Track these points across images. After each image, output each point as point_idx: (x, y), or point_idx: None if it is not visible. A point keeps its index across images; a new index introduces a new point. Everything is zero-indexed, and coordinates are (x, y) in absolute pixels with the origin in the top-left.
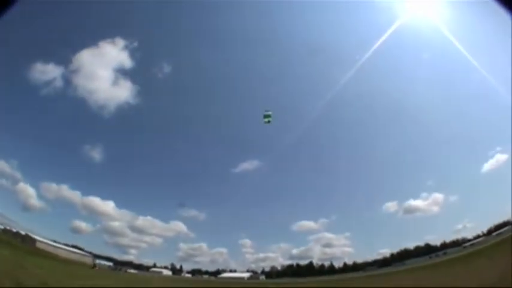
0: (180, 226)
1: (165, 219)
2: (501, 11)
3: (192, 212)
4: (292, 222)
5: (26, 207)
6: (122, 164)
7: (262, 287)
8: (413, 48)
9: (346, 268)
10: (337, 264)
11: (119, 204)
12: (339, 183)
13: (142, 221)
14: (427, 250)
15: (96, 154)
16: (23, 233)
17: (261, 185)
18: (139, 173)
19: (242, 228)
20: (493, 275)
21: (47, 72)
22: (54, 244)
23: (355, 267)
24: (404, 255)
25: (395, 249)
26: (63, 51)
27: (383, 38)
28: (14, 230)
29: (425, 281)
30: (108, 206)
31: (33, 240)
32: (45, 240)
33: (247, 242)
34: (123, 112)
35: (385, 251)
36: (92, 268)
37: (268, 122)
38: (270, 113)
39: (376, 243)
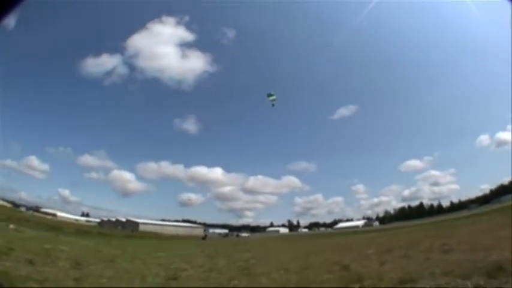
0: (293, 180)
1: (277, 175)
2: None
3: (302, 164)
4: (399, 162)
5: (126, 193)
6: (219, 130)
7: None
8: None
9: (453, 207)
10: (445, 203)
11: (227, 169)
12: (432, 118)
13: (253, 181)
14: None
15: (190, 125)
16: (123, 219)
17: (361, 129)
18: (239, 136)
19: (353, 174)
20: None
21: (102, 64)
22: (160, 223)
23: (461, 205)
24: (501, 191)
25: (493, 185)
26: (109, 41)
27: None
28: (113, 219)
29: None
30: (216, 173)
31: (136, 224)
32: (149, 221)
33: (360, 187)
34: (205, 80)
35: (486, 187)
36: (203, 239)
37: (273, 103)
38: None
39: (477, 179)
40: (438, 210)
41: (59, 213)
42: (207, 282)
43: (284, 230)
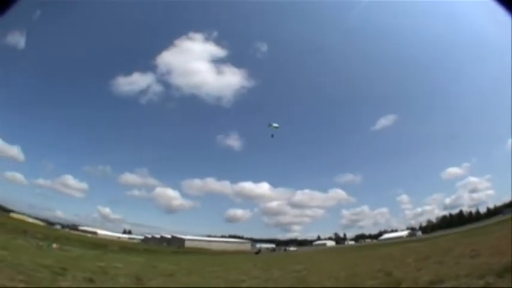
0: (339, 193)
1: (324, 189)
2: None
3: (348, 177)
4: (440, 170)
5: (170, 210)
6: (264, 145)
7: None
8: None
9: (489, 213)
10: (483, 209)
11: (274, 184)
12: (466, 125)
13: (301, 195)
14: None
15: (234, 141)
16: (168, 236)
17: (403, 138)
18: (284, 150)
19: (398, 184)
20: None
21: (136, 81)
22: (206, 239)
23: (496, 211)
24: None
25: None
26: (138, 60)
27: None
28: (157, 236)
29: None
30: (262, 188)
31: (182, 241)
32: (195, 238)
33: (404, 197)
34: (244, 95)
35: None
36: (256, 254)
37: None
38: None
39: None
40: (476, 217)
41: (100, 231)
42: None
43: (331, 243)
